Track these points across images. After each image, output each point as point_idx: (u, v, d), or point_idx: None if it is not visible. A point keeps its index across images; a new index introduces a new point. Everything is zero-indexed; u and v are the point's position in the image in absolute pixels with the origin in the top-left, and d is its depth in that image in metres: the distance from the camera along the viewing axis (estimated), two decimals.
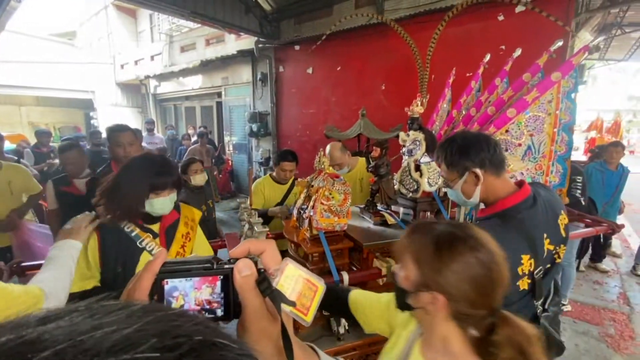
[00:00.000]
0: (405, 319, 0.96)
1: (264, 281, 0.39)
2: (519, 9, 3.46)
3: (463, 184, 1.22)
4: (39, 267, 2.11)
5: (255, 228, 1.61)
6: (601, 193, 3.90)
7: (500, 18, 3.54)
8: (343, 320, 1.62)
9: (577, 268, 4.22)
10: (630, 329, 3.02)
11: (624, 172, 3.93)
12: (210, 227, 2.87)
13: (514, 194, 1.18)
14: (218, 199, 6.57)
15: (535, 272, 1.16)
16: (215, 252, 1.84)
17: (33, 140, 5.77)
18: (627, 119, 24.04)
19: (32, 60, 10.49)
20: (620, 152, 3.91)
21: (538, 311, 1.24)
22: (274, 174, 2.71)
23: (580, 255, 4.04)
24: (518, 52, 2.05)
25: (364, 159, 2.93)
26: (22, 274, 2.09)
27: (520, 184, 1.23)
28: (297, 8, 5.92)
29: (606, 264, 4.31)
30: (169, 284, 0.40)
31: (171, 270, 0.40)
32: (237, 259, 0.40)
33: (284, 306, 0.39)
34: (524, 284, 1.15)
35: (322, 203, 1.72)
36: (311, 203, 1.74)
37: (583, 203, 3.20)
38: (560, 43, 1.85)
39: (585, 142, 13.19)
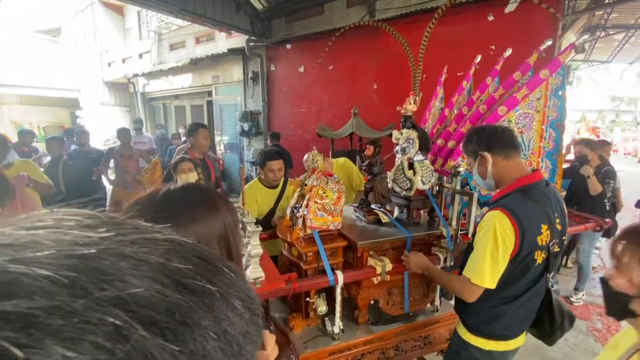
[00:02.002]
0: (614, 342, 0.95)
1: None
2: (509, 9, 3.51)
3: (478, 167, 1.42)
4: None
5: (248, 227, 1.59)
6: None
7: (490, 18, 3.58)
8: (338, 320, 1.61)
9: (565, 264, 4.31)
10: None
11: None
12: None
13: (529, 174, 1.35)
14: None
15: (551, 244, 1.30)
16: None
17: (15, 139, 5.63)
18: (610, 118, 24.68)
19: (15, 57, 10.21)
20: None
21: (549, 285, 1.39)
22: (262, 176, 2.49)
23: (567, 251, 4.12)
24: (509, 52, 2.08)
25: (337, 160, 2.90)
26: None
27: (534, 170, 1.40)
28: (288, 6, 5.90)
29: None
30: None
31: None
32: None
33: None
34: (539, 258, 1.28)
35: (315, 202, 1.70)
36: (305, 202, 1.73)
37: (607, 208, 3.29)
38: (549, 42, 1.88)
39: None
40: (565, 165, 4.45)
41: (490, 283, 1.26)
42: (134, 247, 0.20)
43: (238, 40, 6.73)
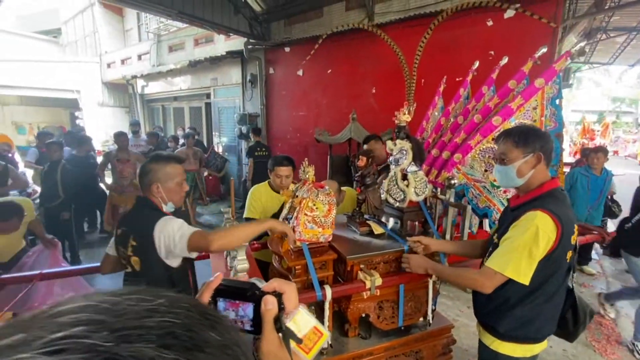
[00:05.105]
0: None
1: (278, 320, 0.51)
2: (508, 14, 3.47)
3: (522, 163, 1.37)
4: (17, 279, 2.05)
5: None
6: (586, 197, 3.95)
7: (489, 24, 3.54)
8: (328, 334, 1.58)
9: None
10: (616, 334, 3.05)
11: (607, 176, 3.99)
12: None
13: (553, 180, 1.40)
14: (206, 202, 6.46)
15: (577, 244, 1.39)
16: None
17: (16, 140, 5.75)
18: (611, 120, 24.61)
19: (15, 58, 10.21)
20: (602, 157, 3.96)
21: (569, 282, 1.44)
22: (271, 180, 2.52)
23: None
24: (505, 60, 2.04)
25: (351, 190, 2.83)
26: (1, 287, 2.04)
27: (552, 177, 1.44)
28: (287, 9, 5.86)
29: (592, 266, 4.35)
30: (219, 300, 0.53)
31: (222, 290, 0.52)
32: (265, 292, 0.52)
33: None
34: (569, 256, 1.35)
35: (305, 214, 1.67)
36: (295, 214, 1.69)
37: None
38: (544, 50, 1.84)
39: (573, 145, 13.46)
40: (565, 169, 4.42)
41: (525, 278, 1.29)
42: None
43: (237, 42, 6.70)
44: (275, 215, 2.47)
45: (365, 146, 2.78)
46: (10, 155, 5.02)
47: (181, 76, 8.58)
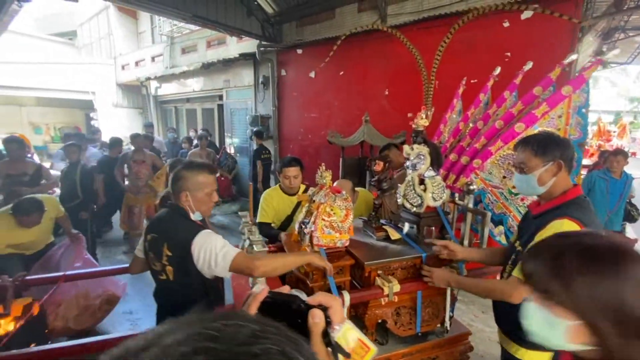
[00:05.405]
0: None
1: (326, 334, 0.52)
2: (525, 15, 3.41)
3: (543, 172, 1.35)
4: (42, 280, 2.11)
5: (255, 247, 1.57)
6: (605, 201, 3.85)
7: (506, 25, 3.49)
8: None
9: None
10: None
11: (627, 180, 3.89)
12: None
13: (575, 187, 1.37)
14: (219, 202, 6.52)
15: None
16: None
17: (33, 140, 6.01)
18: (628, 120, 23.94)
19: (32, 60, 10.46)
20: (622, 160, 3.86)
21: None
22: (282, 183, 2.55)
23: None
24: (529, 65, 2.00)
25: (365, 191, 2.83)
26: (26, 288, 2.10)
27: (574, 184, 1.42)
28: (299, 11, 5.88)
29: None
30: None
31: (268, 302, 0.53)
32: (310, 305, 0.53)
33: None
34: None
35: (323, 219, 1.68)
36: (312, 219, 1.70)
37: None
38: (574, 56, 1.81)
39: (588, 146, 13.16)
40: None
41: None
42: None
43: (249, 44, 6.75)
44: (288, 217, 2.50)
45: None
46: (29, 155, 5.15)
47: (194, 78, 8.68)
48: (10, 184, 3.43)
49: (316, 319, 0.51)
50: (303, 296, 0.56)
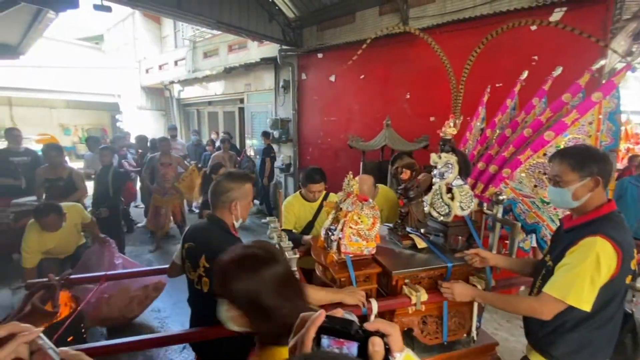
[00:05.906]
0: None
1: None
2: (554, 17, 3.34)
3: (579, 187, 1.32)
4: (86, 279, 2.23)
5: (287, 254, 1.61)
6: (636, 208, 3.71)
7: (533, 28, 3.41)
8: None
9: None
10: None
11: None
12: None
13: (610, 202, 1.34)
14: None
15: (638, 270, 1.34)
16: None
17: (62, 141, 6.25)
18: None
19: (62, 65, 10.94)
20: None
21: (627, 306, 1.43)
22: (303, 191, 2.58)
23: None
24: (558, 70, 1.97)
25: (386, 188, 2.84)
26: (70, 287, 2.22)
27: (609, 199, 1.39)
28: (320, 15, 5.92)
29: None
30: (323, 337, 0.54)
31: (326, 327, 0.54)
32: (368, 331, 0.54)
33: None
34: (629, 279, 1.32)
35: (350, 227, 1.70)
36: (340, 226, 1.72)
37: None
38: (603, 62, 1.77)
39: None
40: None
41: (587, 305, 1.27)
42: None
43: (270, 48, 6.85)
44: (310, 223, 2.53)
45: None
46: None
47: (216, 81, 8.86)
48: (48, 188, 3.62)
49: (377, 347, 0.52)
50: (353, 318, 0.57)
